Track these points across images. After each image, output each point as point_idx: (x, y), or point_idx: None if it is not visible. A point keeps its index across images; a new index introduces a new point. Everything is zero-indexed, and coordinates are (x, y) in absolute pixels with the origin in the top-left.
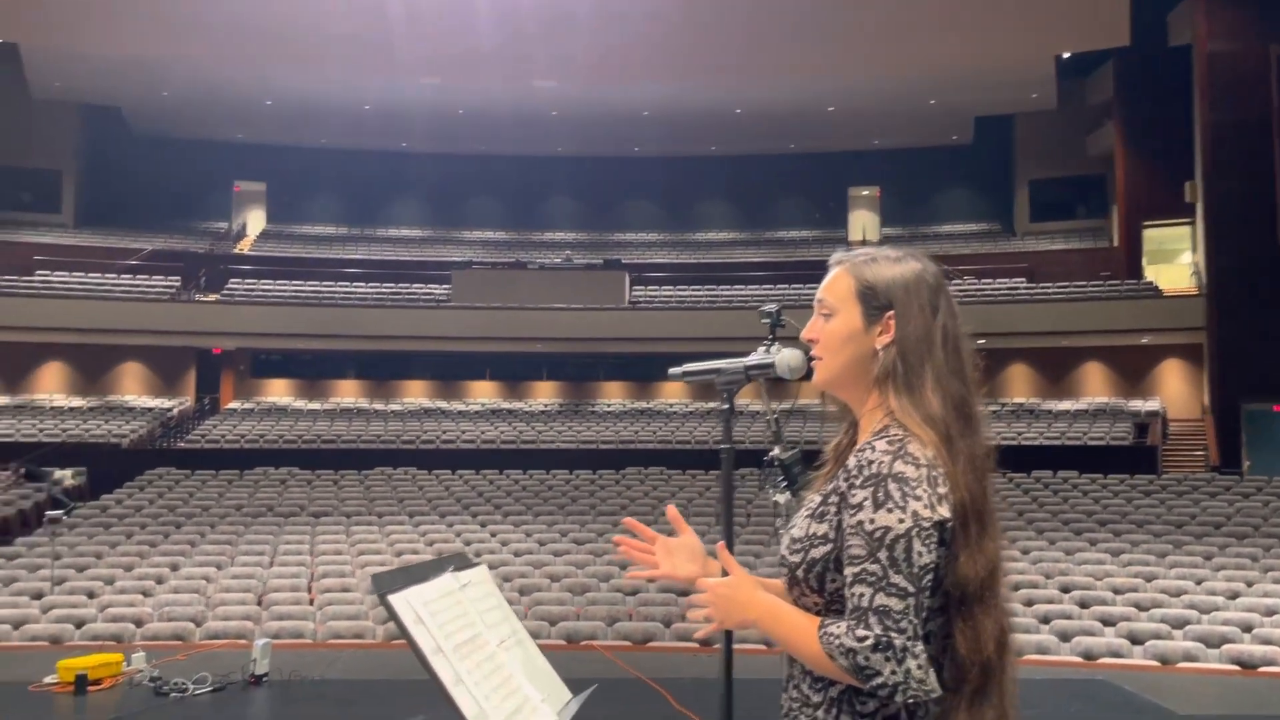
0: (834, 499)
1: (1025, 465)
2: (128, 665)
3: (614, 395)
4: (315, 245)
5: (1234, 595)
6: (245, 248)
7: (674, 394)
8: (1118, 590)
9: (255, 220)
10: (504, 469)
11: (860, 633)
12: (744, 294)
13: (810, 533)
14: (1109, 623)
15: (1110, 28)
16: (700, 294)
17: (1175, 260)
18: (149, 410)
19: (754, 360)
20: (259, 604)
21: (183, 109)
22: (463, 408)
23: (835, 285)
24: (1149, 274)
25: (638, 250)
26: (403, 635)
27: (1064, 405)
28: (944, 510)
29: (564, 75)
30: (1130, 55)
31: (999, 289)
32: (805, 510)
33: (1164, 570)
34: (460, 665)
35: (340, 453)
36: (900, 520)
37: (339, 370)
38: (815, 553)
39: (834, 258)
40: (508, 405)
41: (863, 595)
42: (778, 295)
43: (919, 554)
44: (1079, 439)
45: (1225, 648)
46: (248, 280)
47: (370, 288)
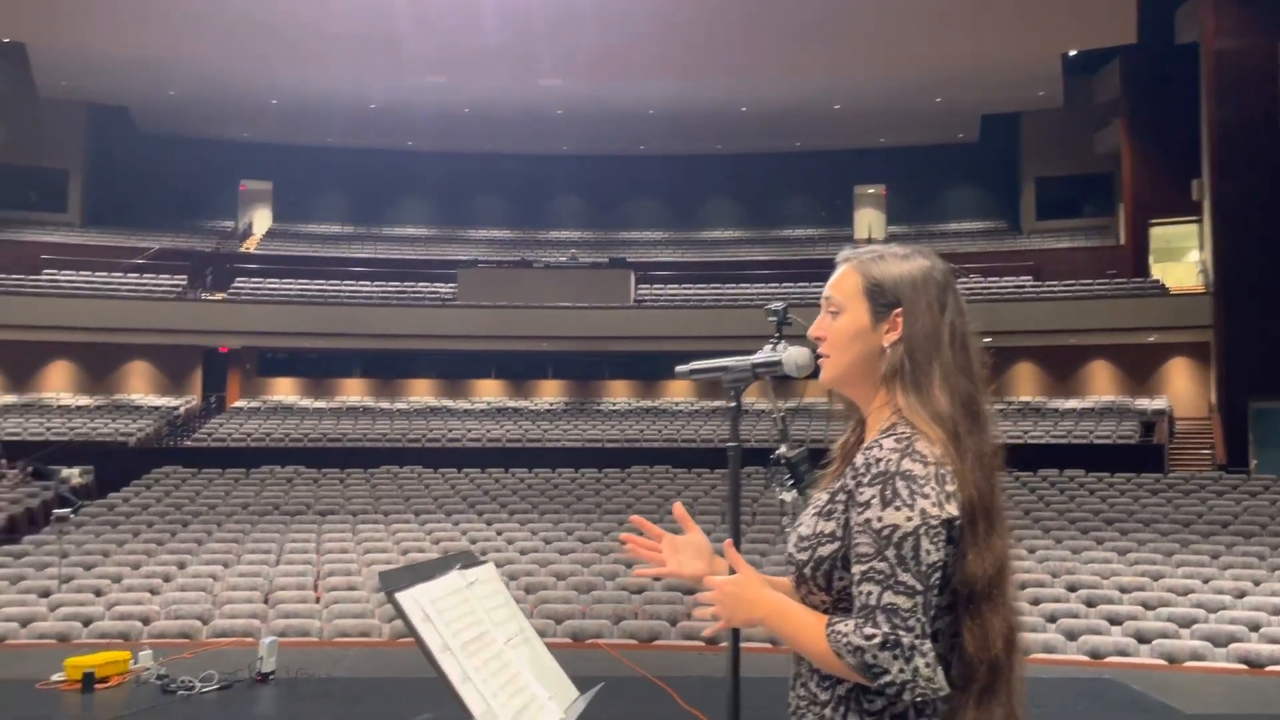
0: (841, 497)
1: (1031, 464)
2: (135, 663)
3: (619, 394)
4: (321, 244)
5: (1241, 594)
6: (251, 246)
7: (679, 392)
8: (1124, 589)
9: (261, 219)
10: (509, 467)
11: (868, 631)
12: (749, 292)
13: (818, 530)
14: (1116, 621)
15: (1117, 25)
16: (705, 292)
17: (1182, 258)
18: (156, 409)
19: (761, 358)
20: (265, 602)
21: (189, 108)
22: (468, 406)
23: (842, 282)
24: (1156, 272)
25: (643, 249)
26: (410, 633)
27: (1070, 404)
28: (952, 508)
29: (570, 73)
30: (1137, 53)
31: (1005, 287)
32: (813, 508)
33: (1171, 569)
34: (468, 663)
35: (346, 451)
36: (908, 518)
37: (345, 369)
38: (823, 550)
39: (841, 255)
40: (513, 404)
41: (870, 593)
42: (783, 294)
43: (927, 552)
44: (1085, 437)
45: (1233, 647)
46: (254, 279)
47: (376, 286)
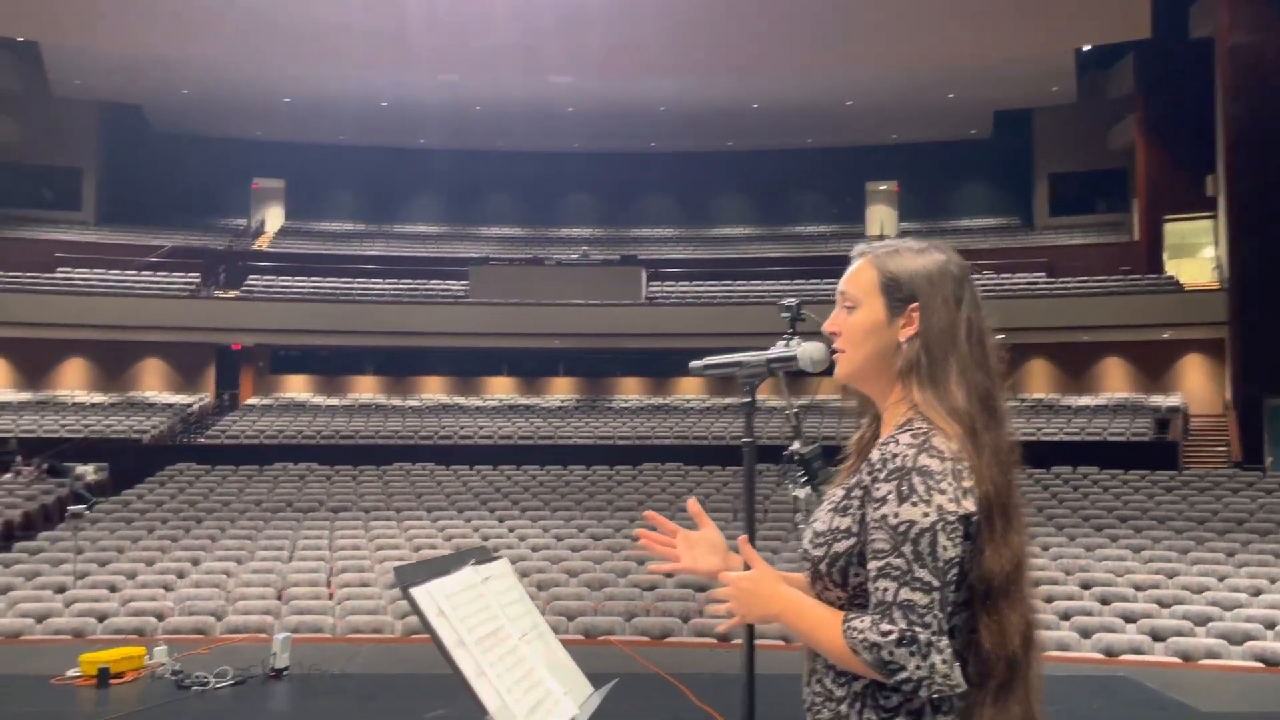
0: (857, 493)
1: (1045, 461)
2: (149, 659)
3: (631, 391)
4: (333, 242)
5: (1257, 592)
6: (264, 244)
7: (691, 389)
8: (1139, 587)
9: (274, 217)
10: (521, 464)
11: (885, 627)
12: (761, 289)
13: (833, 526)
14: (1130, 619)
15: (1131, 20)
16: (717, 289)
17: (1197, 254)
18: (169, 406)
19: (776, 353)
20: (279, 598)
21: (202, 107)
22: (480, 403)
23: (858, 277)
24: (1170, 268)
25: (654, 246)
26: (425, 628)
27: (1084, 401)
28: (969, 504)
29: (580, 71)
30: (1151, 48)
31: (1018, 284)
32: (828, 504)
33: (1186, 566)
34: (483, 658)
35: (359, 448)
36: (925, 514)
37: (357, 366)
38: (838, 546)
39: (856, 249)
40: (525, 401)
41: (887, 590)
42: (795, 290)
43: (944, 548)
44: (1099, 435)
45: (1248, 644)
46: (266, 277)
47: (388, 284)
